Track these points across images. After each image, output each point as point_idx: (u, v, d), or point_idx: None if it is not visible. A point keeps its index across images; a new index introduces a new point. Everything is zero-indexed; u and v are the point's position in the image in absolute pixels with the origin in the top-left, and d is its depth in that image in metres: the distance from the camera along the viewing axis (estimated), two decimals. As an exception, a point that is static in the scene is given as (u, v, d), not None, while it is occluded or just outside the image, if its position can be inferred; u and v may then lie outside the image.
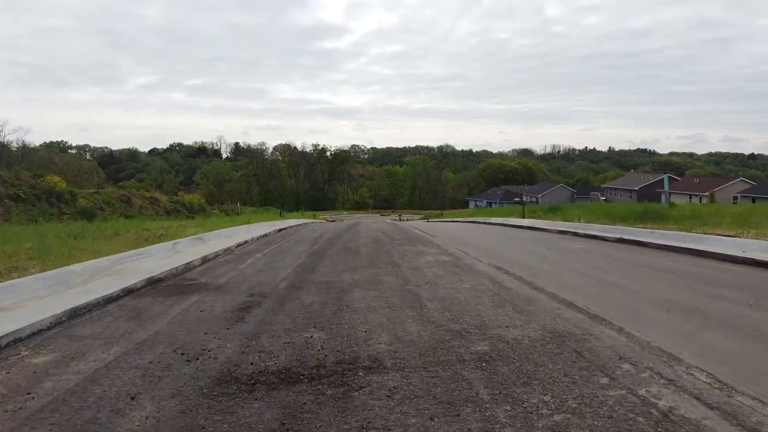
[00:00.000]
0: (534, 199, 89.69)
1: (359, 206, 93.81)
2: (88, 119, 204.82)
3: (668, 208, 17.39)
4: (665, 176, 19.36)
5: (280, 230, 17.44)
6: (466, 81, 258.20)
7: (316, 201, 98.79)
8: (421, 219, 43.10)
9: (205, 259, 9.10)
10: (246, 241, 12.43)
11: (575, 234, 13.68)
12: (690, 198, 56.05)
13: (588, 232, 13.51)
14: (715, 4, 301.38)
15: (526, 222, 19.60)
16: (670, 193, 20.04)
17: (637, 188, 65.11)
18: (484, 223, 24.26)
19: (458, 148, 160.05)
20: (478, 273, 7.58)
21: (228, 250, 10.64)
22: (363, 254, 10.06)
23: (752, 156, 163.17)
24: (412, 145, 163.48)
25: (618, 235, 12.06)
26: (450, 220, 33.42)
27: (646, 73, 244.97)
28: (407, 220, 60.90)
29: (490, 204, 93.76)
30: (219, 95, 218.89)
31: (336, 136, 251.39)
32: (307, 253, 10.46)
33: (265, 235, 14.91)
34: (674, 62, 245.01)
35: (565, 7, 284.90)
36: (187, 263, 8.25)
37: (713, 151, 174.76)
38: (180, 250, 9.71)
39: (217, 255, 9.81)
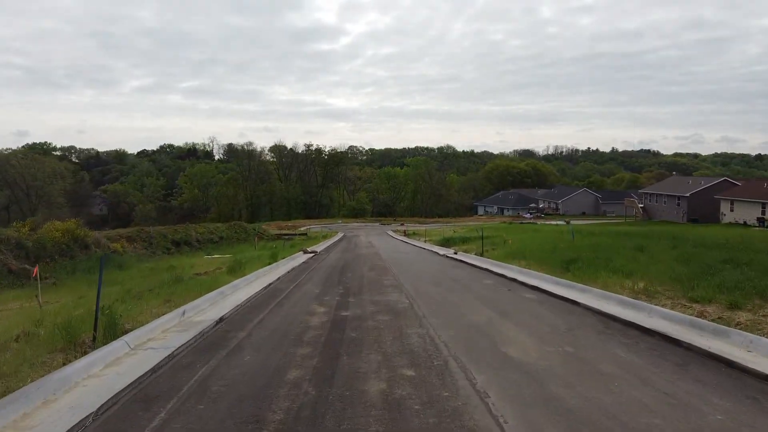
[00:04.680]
0: (553, 206, 75.98)
1: (356, 213, 79.88)
2: (84, 122, 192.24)
3: None
4: None
5: None
6: (461, 82, 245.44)
7: (309, 207, 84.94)
8: (441, 243, 27.84)
9: None
10: None
11: None
12: (764, 209, 42.32)
13: None
14: (708, 5, 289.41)
15: None
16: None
17: (687, 194, 51.42)
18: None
19: (457, 149, 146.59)
20: None
21: None
22: None
23: (759, 157, 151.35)
24: (412, 146, 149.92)
25: None
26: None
27: (641, 73, 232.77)
28: (414, 233, 47.11)
29: (501, 210, 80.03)
30: (215, 97, 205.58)
31: (333, 138, 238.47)
32: None
33: None
34: (668, 63, 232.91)
35: (558, 8, 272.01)
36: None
37: (719, 152, 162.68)
38: None
39: None
